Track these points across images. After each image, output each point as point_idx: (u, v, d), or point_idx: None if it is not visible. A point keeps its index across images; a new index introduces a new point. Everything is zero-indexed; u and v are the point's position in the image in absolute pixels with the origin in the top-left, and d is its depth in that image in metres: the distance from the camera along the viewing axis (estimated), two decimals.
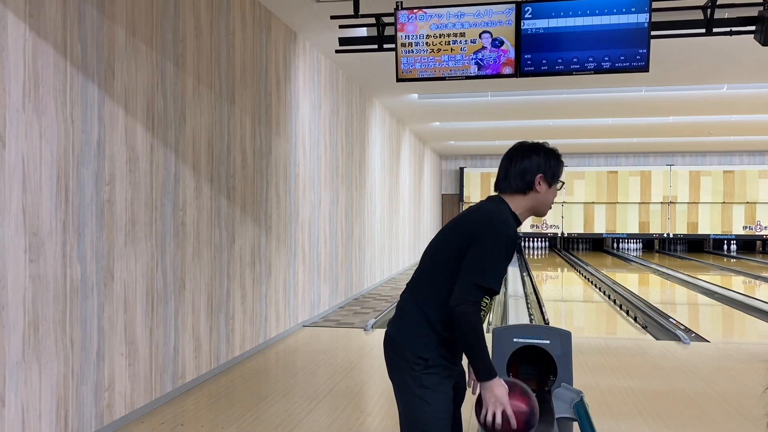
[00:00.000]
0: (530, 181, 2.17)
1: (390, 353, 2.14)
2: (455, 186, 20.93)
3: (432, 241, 2.22)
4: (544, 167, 2.21)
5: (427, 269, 2.15)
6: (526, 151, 2.22)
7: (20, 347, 3.05)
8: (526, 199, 2.20)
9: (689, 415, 4.12)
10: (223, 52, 5.12)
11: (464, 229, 2.09)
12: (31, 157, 3.12)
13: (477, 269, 1.98)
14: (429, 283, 2.11)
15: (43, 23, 3.19)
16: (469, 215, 2.16)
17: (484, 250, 2.00)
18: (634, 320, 7.74)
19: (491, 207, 2.15)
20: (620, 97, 10.60)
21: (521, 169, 2.18)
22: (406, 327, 2.10)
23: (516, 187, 2.18)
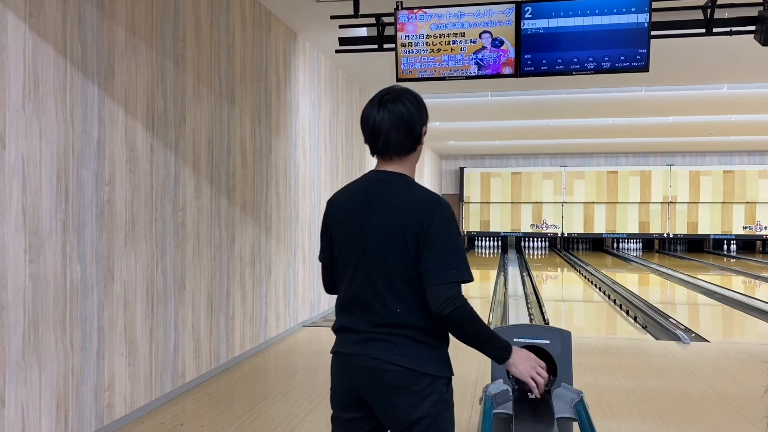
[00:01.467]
0: (418, 135, 1.88)
1: (403, 388, 1.76)
2: (455, 186, 20.93)
3: (357, 249, 1.82)
4: (425, 116, 1.90)
5: (386, 285, 1.77)
6: (397, 99, 1.85)
7: (20, 347, 3.05)
8: (414, 158, 1.92)
9: (689, 415, 4.12)
10: (223, 52, 5.12)
11: (408, 227, 1.75)
12: (31, 157, 3.12)
13: (450, 267, 1.73)
14: (402, 299, 1.77)
15: (43, 23, 3.19)
16: (398, 206, 1.79)
17: (446, 242, 1.75)
18: (634, 320, 7.74)
19: (413, 186, 1.85)
20: (620, 97, 10.60)
21: (408, 124, 1.84)
22: (413, 350, 1.77)
23: (407, 147, 1.86)
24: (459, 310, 1.73)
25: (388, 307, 1.77)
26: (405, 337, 1.77)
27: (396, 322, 1.77)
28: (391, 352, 1.76)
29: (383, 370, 1.76)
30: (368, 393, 1.79)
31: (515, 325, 5.14)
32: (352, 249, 1.84)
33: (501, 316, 8.23)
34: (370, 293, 1.79)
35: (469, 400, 4.30)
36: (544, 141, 16.99)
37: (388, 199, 1.83)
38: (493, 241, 20.87)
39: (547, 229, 19.90)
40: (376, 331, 1.79)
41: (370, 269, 1.79)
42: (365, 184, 1.91)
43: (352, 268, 1.83)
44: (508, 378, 2.98)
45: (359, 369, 1.79)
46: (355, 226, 1.84)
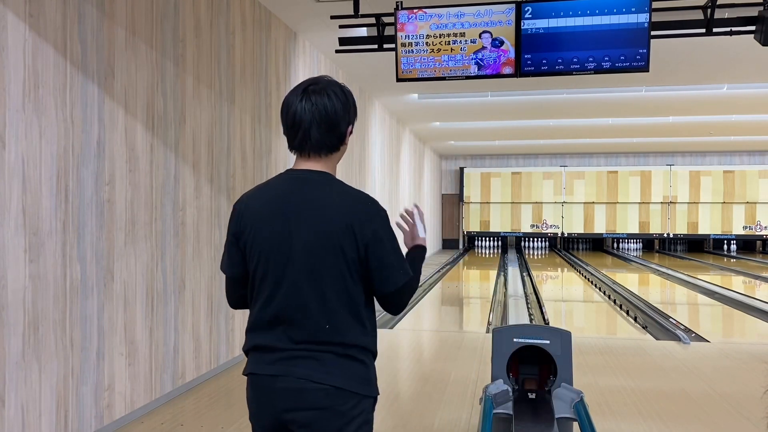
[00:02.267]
0: (342, 133, 1.72)
1: (329, 408, 1.59)
2: (455, 186, 20.92)
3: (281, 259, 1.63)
4: (352, 114, 1.74)
5: (315, 298, 1.60)
6: (323, 91, 1.67)
7: (20, 347, 3.05)
8: (337, 157, 1.76)
9: (689, 415, 4.12)
10: (223, 52, 5.12)
11: (344, 232, 1.60)
12: (31, 157, 3.12)
13: (399, 268, 1.66)
14: (332, 313, 1.61)
15: (43, 23, 3.18)
16: (329, 209, 1.63)
17: (391, 245, 1.65)
18: (634, 320, 7.74)
19: (341, 187, 1.69)
20: (620, 97, 10.60)
21: (331, 121, 1.67)
22: (341, 368, 1.60)
23: (328, 145, 1.69)
24: (404, 302, 1.72)
25: (316, 322, 1.60)
26: (333, 354, 1.60)
27: (323, 339, 1.60)
28: (317, 371, 1.58)
29: (308, 390, 1.58)
30: (291, 417, 1.60)
31: (515, 325, 5.14)
32: (275, 260, 1.62)
33: (501, 316, 8.23)
34: (295, 309, 1.60)
35: (469, 400, 4.30)
36: (544, 141, 16.99)
37: (314, 201, 1.63)
38: (493, 241, 20.87)
39: (547, 229, 19.90)
40: (299, 349, 1.60)
41: (298, 282, 1.60)
42: (283, 185, 1.69)
43: (275, 281, 1.62)
44: (508, 378, 2.98)
45: (281, 391, 1.60)
46: (278, 234, 1.63)
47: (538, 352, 2.98)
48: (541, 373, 3.04)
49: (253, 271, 1.67)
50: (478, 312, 9.37)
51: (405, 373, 5.37)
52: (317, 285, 1.60)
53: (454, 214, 20.99)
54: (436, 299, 10.04)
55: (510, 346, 2.99)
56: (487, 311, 8.52)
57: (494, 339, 3.05)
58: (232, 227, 1.72)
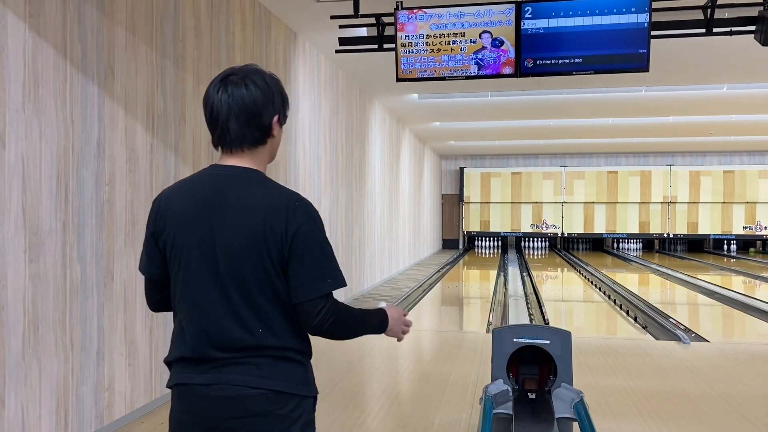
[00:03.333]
0: (267, 126, 1.60)
1: (269, 414, 1.52)
2: (455, 186, 20.93)
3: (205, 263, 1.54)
4: (277, 105, 1.62)
5: (245, 305, 1.52)
6: (242, 81, 1.56)
7: (20, 347, 3.05)
8: (265, 151, 1.64)
9: (689, 415, 4.12)
10: (223, 52, 5.12)
11: (269, 233, 1.50)
12: (31, 157, 3.12)
13: (323, 276, 1.53)
14: (265, 319, 1.53)
15: (43, 23, 3.19)
16: (254, 209, 1.52)
17: (315, 249, 1.54)
18: (634, 320, 7.74)
19: (268, 184, 1.59)
20: (620, 97, 10.60)
21: (250, 112, 1.56)
22: (277, 370, 1.54)
23: (250, 139, 1.58)
24: (335, 322, 1.54)
25: (248, 329, 1.51)
26: (268, 357, 1.53)
27: (257, 343, 1.52)
28: (252, 375, 1.51)
29: (246, 396, 1.50)
30: (229, 426, 1.51)
31: (515, 325, 5.14)
32: (199, 265, 1.53)
33: (501, 316, 8.23)
34: (224, 316, 1.52)
35: (469, 400, 4.30)
36: (544, 141, 16.99)
37: (240, 200, 1.53)
38: (493, 241, 20.87)
39: (547, 229, 19.90)
40: (231, 357, 1.52)
41: (225, 287, 1.51)
42: (206, 181, 1.59)
43: (199, 288, 1.54)
44: (508, 378, 2.98)
45: (217, 399, 1.51)
46: (200, 238, 1.53)
47: (538, 352, 2.98)
48: (541, 373, 3.04)
49: (175, 276, 1.58)
50: (478, 312, 9.37)
51: (405, 373, 5.37)
52: (245, 289, 1.51)
53: (454, 214, 20.99)
54: (436, 299, 10.04)
55: (510, 346, 2.99)
56: (487, 311, 8.52)
57: (494, 339, 3.05)
58: (151, 226, 1.61)
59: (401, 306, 8.68)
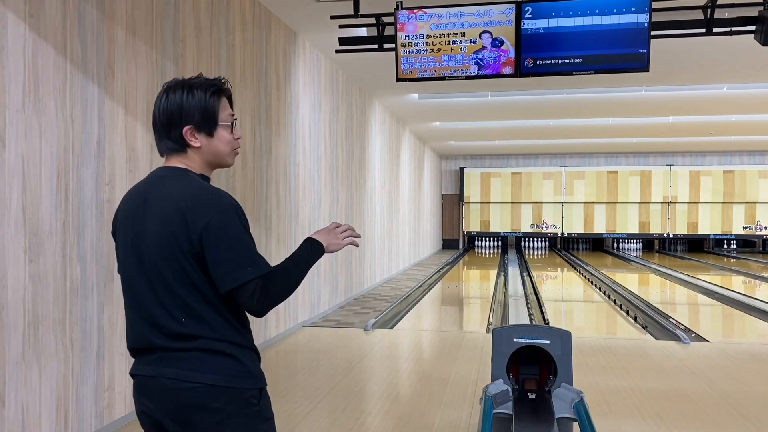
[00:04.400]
0: (178, 135, 1.66)
1: (202, 407, 1.56)
2: (455, 186, 20.93)
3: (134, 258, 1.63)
4: (189, 115, 1.66)
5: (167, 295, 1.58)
6: (169, 90, 1.68)
7: (20, 347, 3.05)
8: (197, 153, 1.69)
9: (689, 415, 4.12)
10: (223, 52, 5.12)
11: (179, 227, 1.56)
12: (31, 157, 3.12)
13: (240, 265, 1.55)
14: (187, 309, 1.58)
15: (43, 23, 3.19)
16: (169, 205, 1.59)
17: (227, 239, 1.56)
18: (634, 320, 7.74)
19: (188, 182, 1.64)
20: (620, 97, 10.60)
21: (163, 123, 1.67)
22: (207, 363, 1.57)
23: (169, 147, 1.68)
24: (267, 299, 1.57)
25: (172, 316, 1.58)
26: (197, 350, 1.57)
27: (184, 333, 1.57)
28: (184, 369, 1.57)
29: (178, 389, 1.56)
30: (166, 418, 1.60)
31: (515, 325, 5.14)
32: (130, 260, 1.65)
33: (501, 316, 8.23)
34: (152, 305, 1.60)
35: (469, 400, 4.30)
36: (544, 141, 17.00)
37: (160, 197, 1.62)
38: (493, 241, 20.87)
39: (547, 229, 19.90)
40: (167, 347, 1.59)
41: (151, 280, 1.60)
42: (144, 183, 1.71)
43: (131, 282, 1.65)
44: (508, 378, 2.98)
45: (156, 391, 1.60)
46: (131, 233, 1.65)
47: (538, 352, 2.98)
48: (541, 373, 3.04)
49: (120, 271, 1.71)
50: (478, 312, 9.37)
51: (405, 373, 5.37)
52: (164, 280, 1.58)
53: (454, 214, 20.99)
54: (436, 299, 10.04)
55: (510, 346, 2.99)
56: (487, 311, 8.52)
57: (494, 339, 3.05)
58: (112, 227, 1.77)
59: (402, 305, 8.69)
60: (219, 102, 1.70)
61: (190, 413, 1.57)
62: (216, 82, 1.71)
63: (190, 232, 1.55)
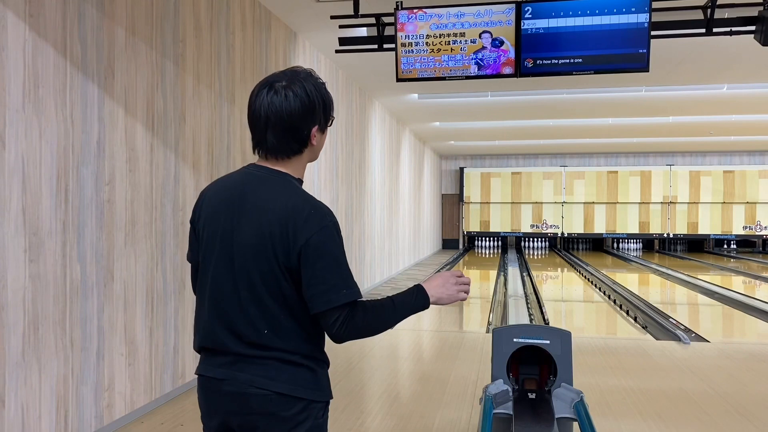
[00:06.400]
0: (305, 138, 1.60)
1: (272, 415, 1.55)
2: (455, 186, 20.93)
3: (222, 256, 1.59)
4: (318, 115, 1.60)
5: (252, 302, 1.55)
6: (286, 89, 1.57)
7: (20, 347, 3.05)
8: (303, 158, 1.64)
9: (689, 415, 4.12)
10: (223, 52, 5.12)
11: (277, 237, 1.52)
12: (31, 157, 3.12)
13: (335, 287, 1.50)
14: (271, 319, 1.55)
15: (43, 23, 3.18)
16: (269, 211, 1.54)
17: (326, 258, 1.51)
18: (634, 320, 7.75)
19: (291, 190, 1.58)
20: (620, 97, 10.60)
21: (286, 124, 1.57)
22: (284, 373, 1.55)
23: (286, 150, 1.60)
24: (350, 329, 1.53)
25: (254, 326, 1.54)
26: (275, 360, 1.55)
27: (264, 343, 1.54)
28: (259, 376, 1.54)
29: (250, 395, 1.54)
30: (235, 421, 1.58)
31: (515, 325, 5.14)
32: (217, 257, 1.59)
33: (501, 316, 8.23)
34: (234, 310, 1.56)
35: (469, 400, 4.30)
36: (544, 141, 16.99)
37: (261, 201, 1.56)
38: (493, 241, 20.87)
39: (547, 229, 19.90)
40: (242, 353, 1.56)
41: (236, 281, 1.55)
42: (240, 179, 1.64)
43: (214, 279, 1.59)
44: (508, 378, 2.98)
45: (225, 395, 1.57)
46: (221, 229, 1.59)
47: (538, 352, 2.98)
48: (541, 373, 3.04)
49: (200, 266, 1.65)
50: (478, 312, 9.37)
51: (405, 373, 5.37)
52: (254, 288, 1.54)
53: (454, 214, 20.99)
54: None
55: (510, 346, 2.99)
56: (487, 311, 8.52)
57: (494, 339, 3.05)
58: (193, 215, 1.70)
59: None
60: (330, 99, 1.65)
61: (260, 420, 1.55)
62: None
63: (290, 246, 1.50)
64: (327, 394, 1.63)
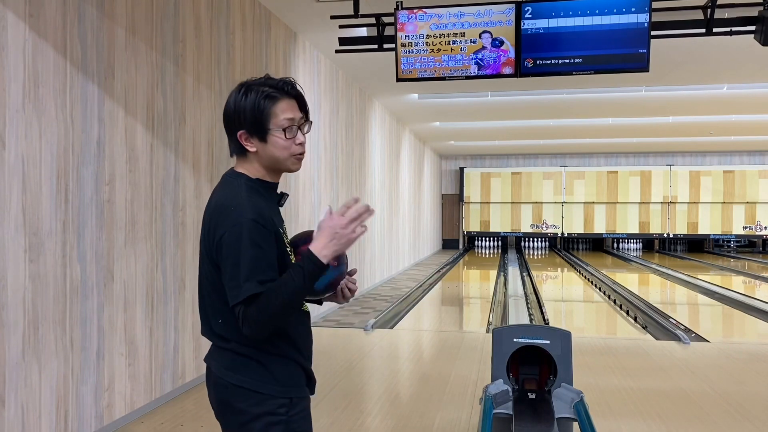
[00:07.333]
0: (235, 138, 1.66)
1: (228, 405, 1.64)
2: (455, 186, 20.93)
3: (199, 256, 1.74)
4: (241, 123, 1.64)
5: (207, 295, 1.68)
6: (230, 95, 1.70)
7: (20, 347, 3.05)
8: (252, 158, 1.67)
9: (689, 415, 4.12)
10: (223, 52, 5.12)
11: (206, 235, 1.64)
12: (31, 157, 3.12)
13: (236, 285, 1.53)
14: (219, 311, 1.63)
15: (43, 23, 3.18)
16: (206, 216, 1.67)
17: (230, 254, 1.55)
18: (634, 320, 7.75)
19: (229, 189, 1.65)
20: (620, 97, 10.60)
21: (225, 124, 1.69)
22: (237, 364, 1.63)
23: (235, 149, 1.68)
24: (252, 324, 1.51)
25: (214, 319, 1.65)
26: (230, 351, 1.62)
27: (221, 334, 1.64)
28: (220, 366, 1.64)
29: (216, 384, 1.66)
30: (213, 408, 1.73)
31: (515, 325, 5.14)
32: (199, 259, 1.75)
33: (501, 316, 8.23)
34: (202, 301, 1.70)
35: (469, 400, 4.30)
36: (544, 141, 17.00)
37: (210, 201, 1.68)
38: (493, 241, 20.87)
39: (547, 229, 19.90)
40: (214, 343, 1.68)
41: (201, 280, 1.70)
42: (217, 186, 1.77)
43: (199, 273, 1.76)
44: (508, 378, 2.98)
45: (208, 380, 1.72)
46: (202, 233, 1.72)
47: (538, 352, 2.98)
48: (541, 373, 3.04)
49: None
50: (478, 312, 9.37)
51: (405, 373, 5.37)
52: (204, 282, 1.67)
53: (454, 214, 20.99)
54: (436, 299, 10.04)
55: (510, 346, 2.99)
56: (487, 311, 8.52)
57: (494, 339, 3.05)
58: None
59: (402, 305, 8.68)
60: (274, 105, 1.63)
61: (223, 408, 1.66)
62: (275, 83, 1.65)
63: (212, 241, 1.60)
64: (286, 390, 1.62)
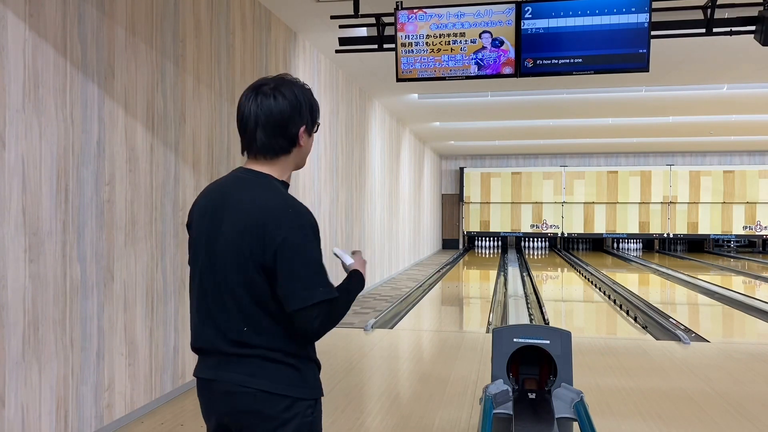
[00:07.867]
0: (293, 136, 1.64)
1: (257, 412, 1.58)
2: (455, 186, 20.93)
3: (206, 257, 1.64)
4: (305, 116, 1.66)
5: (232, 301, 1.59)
6: (273, 91, 1.63)
7: (20, 347, 3.05)
8: (289, 159, 1.68)
9: (689, 415, 4.12)
10: (223, 52, 5.12)
11: (251, 236, 1.55)
12: (31, 157, 3.12)
13: (311, 286, 1.54)
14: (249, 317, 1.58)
15: (43, 23, 3.19)
16: (247, 211, 1.58)
17: (301, 257, 1.54)
18: (634, 320, 7.75)
19: (271, 190, 1.62)
20: (620, 97, 10.60)
21: (276, 123, 1.61)
22: (266, 370, 1.58)
23: (275, 148, 1.64)
24: (328, 324, 1.58)
25: (236, 325, 1.59)
26: (258, 357, 1.58)
27: (245, 341, 1.58)
28: (243, 374, 1.58)
29: (236, 393, 1.59)
30: (227, 420, 1.63)
31: (515, 325, 5.14)
32: (202, 258, 1.64)
33: (501, 316, 8.23)
34: (217, 308, 1.60)
35: (469, 400, 4.30)
36: (544, 141, 17.00)
37: (241, 202, 1.60)
38: (493, 241, 20.87)
39: (547, 229, 19.90)
40: (228, 352, 1.60)
41: (218, 280, 1.60)
42: (225, 182, 1.69)
43: (200, 280, 1.65)
44: (508, 378, 2.98)
45: (216, 395, 1.63)
46: (205, 231, 1.64)
47: (538, 352, 2.98)
48: (541, 373, 3.04)
49: (190, 267, 1.71)
50: (478, 312, 9.37)
51: (405, 373, 5.37)
52: (232, 286, 1.58)
53: (454, 214, 20.99)
54: (436, 299, 10.04)
55: (510, 346, 3.00)
56: (487, 311, 8.52)
57: (494, 339, 3.05)
58: (188, 218, 1.76)
59: (402, 305, 8.69)
60: (316, 104, 1.72)
61: (247, 418, 1.59)
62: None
63: (266, 245, 1.53)
64: (314, 392, 1.65)
